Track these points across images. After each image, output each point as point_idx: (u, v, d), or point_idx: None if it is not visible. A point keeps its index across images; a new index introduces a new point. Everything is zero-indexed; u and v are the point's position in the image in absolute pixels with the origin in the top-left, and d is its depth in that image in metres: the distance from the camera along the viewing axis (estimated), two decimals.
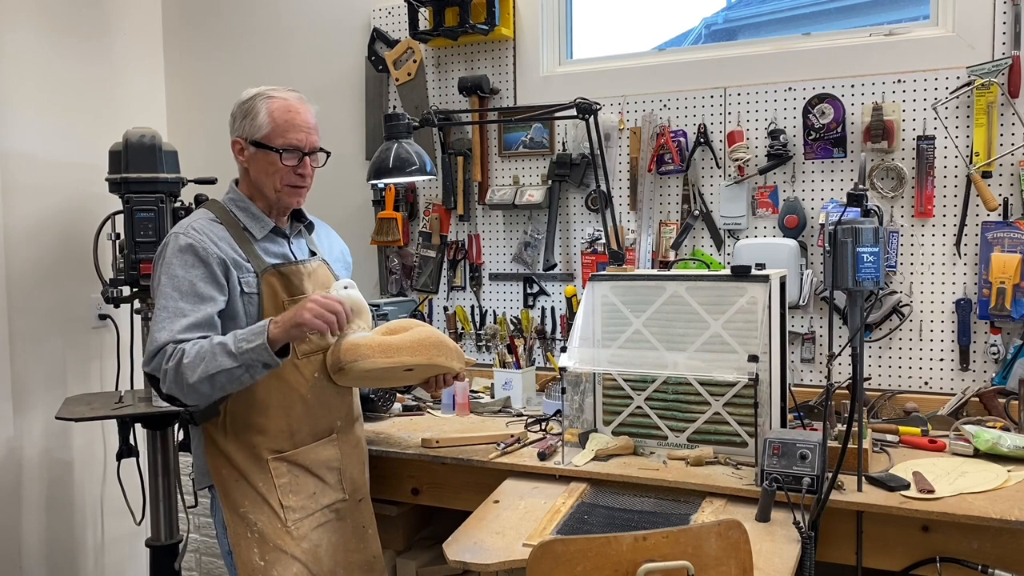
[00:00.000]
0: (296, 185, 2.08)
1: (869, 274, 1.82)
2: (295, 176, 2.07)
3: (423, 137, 3.03)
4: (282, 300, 2.04)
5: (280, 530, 2.01)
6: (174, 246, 1.99)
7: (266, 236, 2.09)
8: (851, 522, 1.92)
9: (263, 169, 2.06)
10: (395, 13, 3.20)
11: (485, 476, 2.24)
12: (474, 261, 3.13)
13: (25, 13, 3.09)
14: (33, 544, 3.13)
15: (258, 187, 2.09)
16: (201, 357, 1.87)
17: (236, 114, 2.08)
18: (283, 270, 2.07)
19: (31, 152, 3.10)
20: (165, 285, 1.96)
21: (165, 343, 1.91)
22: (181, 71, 3.71)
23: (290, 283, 2.07)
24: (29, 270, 3.10)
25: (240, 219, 2.07)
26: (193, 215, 2.09)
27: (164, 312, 1.94)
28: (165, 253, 2.00)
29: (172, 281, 1.95)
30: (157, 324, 1.95)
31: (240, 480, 2.01)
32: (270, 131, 2.04)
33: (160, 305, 1.95)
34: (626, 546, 1.51)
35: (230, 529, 2.01)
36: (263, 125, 2.04)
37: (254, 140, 2.05)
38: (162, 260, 2.00)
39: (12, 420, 3.04)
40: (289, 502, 2.03)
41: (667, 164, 2.79)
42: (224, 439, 2.02)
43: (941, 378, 2.51)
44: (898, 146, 2.51)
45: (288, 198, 2.09)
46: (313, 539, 2.06)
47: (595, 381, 2.36)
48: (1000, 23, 2.40)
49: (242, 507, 2.01)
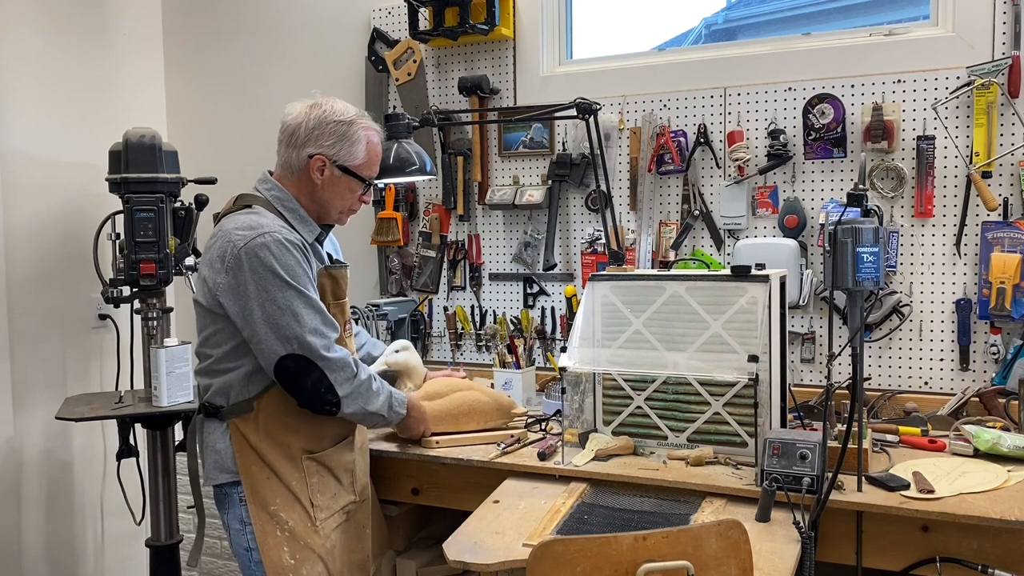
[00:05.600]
0: (356, 211, 2.16)
1: (869, 274, 1.82)
2: (359, 203, 2.15)
3: (423, 137, 3.03)
4: (329, 303, 2.06)
5: (310, 529, 2.03)
6: (278, 245, 1.93)
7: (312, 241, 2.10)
8: (851, 522, 1.92)
9: (340, 193, 2.08)
10: (395, 13, 3.20)
11: (485, 476, 2.24)
12: (474, 261, 3.13)
13: (25, 13, 3.09)
14: (33, 544, 3.13)
15: (321, 203, 2.08)
16: (379, 393, 2.09)
17: (324, 132, 2.03)
18: (332, 272, 2.09)
19: (31, 152, 3.10)
20: (294, 284, 1.93)
21: (333, 343, 1.99)
22: (181, 71, 3.71)
23: (337, 285, 2.10)
24: (29, 270, 3.10)
25: (289, 220, 2.04)
26: (262, 212, 2.01)
27: (309, 310, 1.95)
28: (271, 253, 1.91)
29: (298, 279, 1.94)
30: (311, 323, 1.94)
31: (272, 477, 2.00)
32: (364, 163, 2.09)
33: (302, 303, 1.94)
34: (626, 546, 1.51)
35: (256, 527, 1.99)
36: (359, 155, 2.07)
37: (344, 166, 2.05)
38: (273, 258, 1.91)
39: (12, 420, 3.04)
40: (318, 501, 2.05)
41: (667, 164, 2.79)
42: (256, 436, 2.00)
43: (941, 378, 2.51)
44: (898, 146, 2.51)
45: (344, 220, 2.17)
46: (332, 539, 2.08)
47: (595, 381, 2.36)
48: (1000, 23, 2.40)
49: (272, 505, 2.00)
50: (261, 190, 2.08)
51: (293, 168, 2.06)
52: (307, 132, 2.03)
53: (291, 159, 2.06)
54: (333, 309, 2.07)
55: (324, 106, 2.05)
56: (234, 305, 1.93)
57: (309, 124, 2.03)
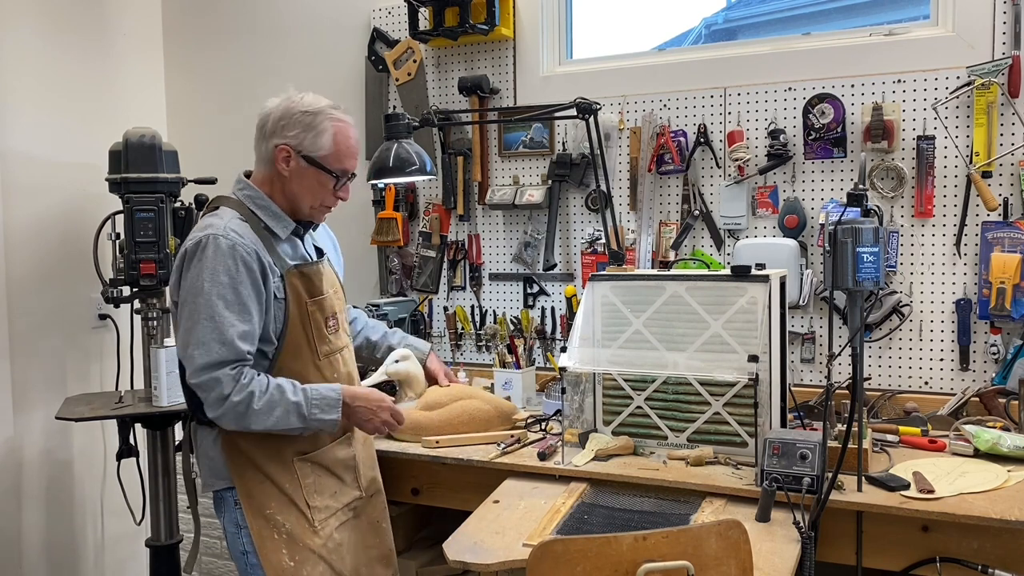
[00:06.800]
0: (331, 206, 2.10)
1: (869, 274, 1.82)
2: (334, 198, 2.08)
3: (423, 137, 3.03)
4: (305, 302, 2.02)
5: (308, 530, 2.01)
6: (215, 248, 1.90)
7: (287, 237, 2.06)
8: (851, 522, 1.92)
9: (309, 186, 2.03)
10: (395, 13, 3.20)
11: (485, 476, 2.24)
12: (474, 261, 3.13)
13: (25, 13, 3.09)
14: (33, 544, 3.13)
15: (291, 198, 2.04)
16: (271, 408, 1.89)
17: (290, 122, 2.00)
18: (304, 270, 2.04)
19: (31, 152, 3.11)
20: (209, 292, 1.88)
21: (221, 361, 1.87)
22: (181, 71, 3.71)
23: (311, 284, 2.05)
24: (29, 270, 3.10)
25: (261, 218, 2.02)
26: (222, 214, 2.00)
27: (211, 323, 1.87)
28: (205, 256, 1.91)
29: (217, 288, 1.88)
30: (203, 335, 1.88)
31: (265, 482, 1.99)
32: (331, 154, 2.01)
33: (205, 314, 1.88)
34: (626, 546, 1.51)
35: (254, 531, 1.98)
36: (325, 146, 2.00)
37: (309, 156, 2.00)
38: (200, 264, 1.91)
39: (12, 420, 3.04)
40: (315, 502, 2.03)
41: (667, 164, 2.79)
42: (246, 441, 1.98)
43: (941, 378, 2.51)
44: (898, 146, 2.51)
45: (319, 216, 2.11)
46: (336, 538, 2.07)
47: (595, 381, 2.36)
48: (1000, 23, 2.40)
49: (268, 508, 1.99)
50: (235, 191, 2.07)
51: (264, 161, 2.04)
52: (274, 123, 2.01)
53: (261, 151, 2.05)
54: (311, 308, 2.03)
55: (294, 98, 2.03)
56: (178, 303, 1.95)
57: (276, 115, 2.01)
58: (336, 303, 2.13)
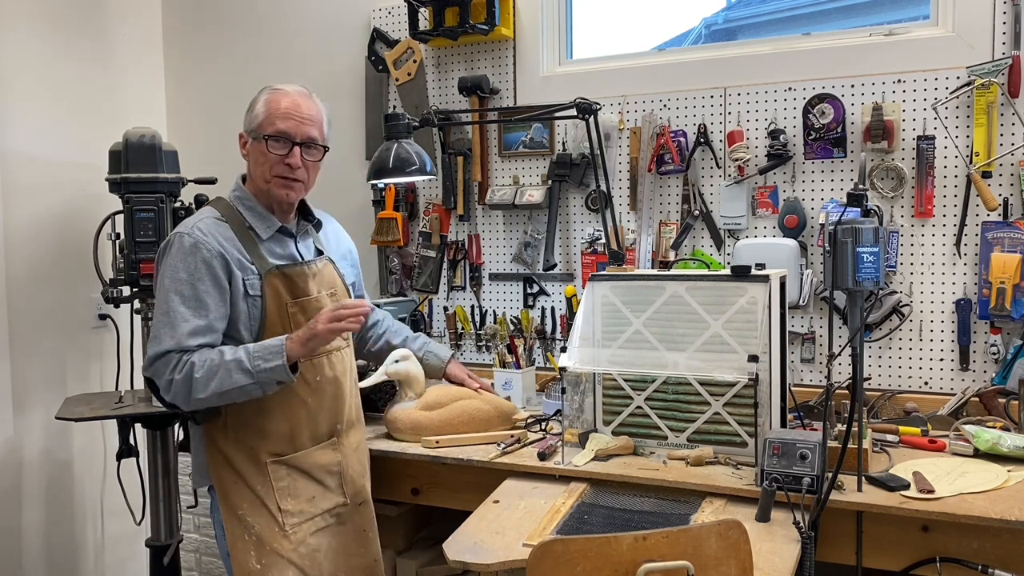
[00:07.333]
0: (285, 176, 2.02)
1: (869, 274, 1.82)
2: (283, 166, 2.01)
3: (423, 137, 3.03)
4: (285, 302, 2.01)
5: (277, 534, 2.00)
6: (178, 246, 1.95)
7: (272, 236, 2.06)
8: (851, 522, 1.92)
9: (255, 160, 2.04)
10: (395, 13, 3.20)
11: (485, 476, 2.24)
12: (474, 261, 3.13)
13: (25, 13, 3.09)
14: (33, 544, 3.13)
15: (253, 180, 2.07)
16: (213, 372, 1.88)
17: (247, 112, 2.07)
18: (287, 271, 2.04)
19: (31, 152, 3.10)
20: (168, 288, 1.93)
21: (167, 351, 1.90)
22: (181, 71, 3.71)
23: (294, 285, 2.04)
24: (29, 270, 3.10)
25: (246, 218, 2.04)
26: (198, 213, 2.06)
27: (165, 317, 1.92)
28: (169, 253, 1.96)
29: (175, 284, 1.93)
30: (158, 328, 1.93)
31: (238, 482, 2.00)
32: (263, 120, 2.02)
33: (161, 309, 1.93)
34: (626, 546, 1.51)
35: (228, 531, 2.00)
36: (258, 115, 2.03)
37: (251, 131, 2.04)
38: (166, 260, 1.96)
39: (12, 420, 3.04)
40: (287, 506, 2.02)
41: (667, 164, 2.79)
42: (224, 440, 2.00)
43: (941, 378, 2.51)
44: (898, 146, 2.51)
45: (277, 190, 2.03)
46: (312, 544, 2.05)
47: (595, 381, 2.36)
48: (1000, 23, 2.40)
49: (240, 509, 2.00)
50: (229, 192, 2.11)
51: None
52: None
53: None
54: (292, 309, 2.02)
55: None
56: None
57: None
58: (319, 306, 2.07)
